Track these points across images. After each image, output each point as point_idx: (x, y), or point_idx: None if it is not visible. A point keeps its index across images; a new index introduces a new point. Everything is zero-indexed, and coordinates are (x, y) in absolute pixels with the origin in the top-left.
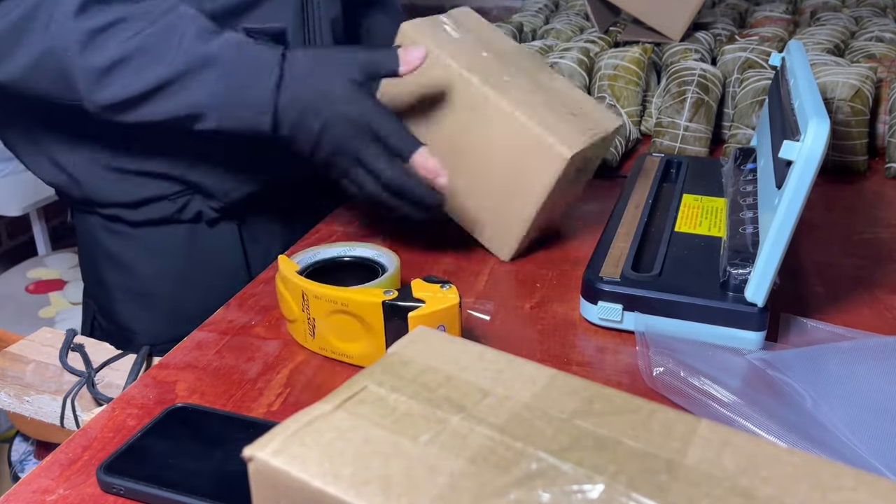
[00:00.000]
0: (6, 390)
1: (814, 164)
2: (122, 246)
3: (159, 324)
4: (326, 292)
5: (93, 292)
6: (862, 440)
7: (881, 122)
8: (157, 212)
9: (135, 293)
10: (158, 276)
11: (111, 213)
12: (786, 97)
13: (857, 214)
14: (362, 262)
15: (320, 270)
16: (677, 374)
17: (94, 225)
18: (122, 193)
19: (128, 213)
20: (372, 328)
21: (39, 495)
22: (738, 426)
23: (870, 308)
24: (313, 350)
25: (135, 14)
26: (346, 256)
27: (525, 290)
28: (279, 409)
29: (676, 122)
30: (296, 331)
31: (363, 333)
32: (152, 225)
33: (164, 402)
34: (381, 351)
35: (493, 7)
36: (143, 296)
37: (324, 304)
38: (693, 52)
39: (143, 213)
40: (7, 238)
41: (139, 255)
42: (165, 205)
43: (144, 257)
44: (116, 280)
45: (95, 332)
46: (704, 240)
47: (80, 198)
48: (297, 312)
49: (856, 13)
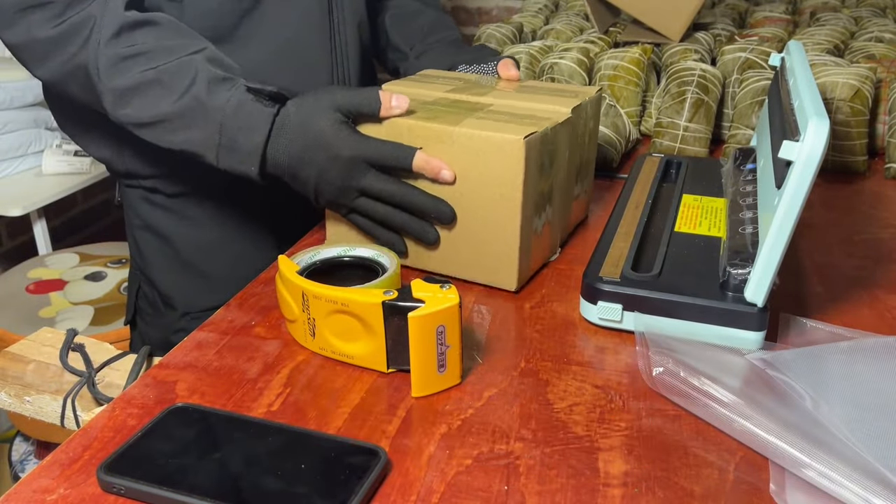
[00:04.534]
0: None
1: (813, 164)
2: (160, 217)
3: (194, 291)
4: (326, 292)
5: (137, 263)
6: (862, 440)
7: (881, 123)
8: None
9: (172, 261)
10: (193, 245)
11: (150, 185)
12: (785, 97)
13: (857, 214)
14: (362, 263)
15: (320, 270)
16: (677, 374)
17: (137, 198)
18: (159, 163)
19: (165, 185)
20: (372, 328)
21: (40, 495)
22: (738, 426)
23: (870, 308)
24: (313, 350)
25: (160, 48)
26: (346, 257)
27: (525, 290)
28: (279, 409)
29: (676, 122)
30: (296, 331)
31: (363, 333)
32: (186, 196)
33: (164, 402)
34: (382, 351)
35: (494, 7)
36: (179, 264)
37: (324, 305)
38: (693, 52)
39: (178, 184)
40: (7, 238)
41: (175, 225)
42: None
43: (180, 227)
44: (155, 249)
45: (140, 301)
46: (704, 240)
47: (124, 171)
48: (298, 313)
49: (855, 13)
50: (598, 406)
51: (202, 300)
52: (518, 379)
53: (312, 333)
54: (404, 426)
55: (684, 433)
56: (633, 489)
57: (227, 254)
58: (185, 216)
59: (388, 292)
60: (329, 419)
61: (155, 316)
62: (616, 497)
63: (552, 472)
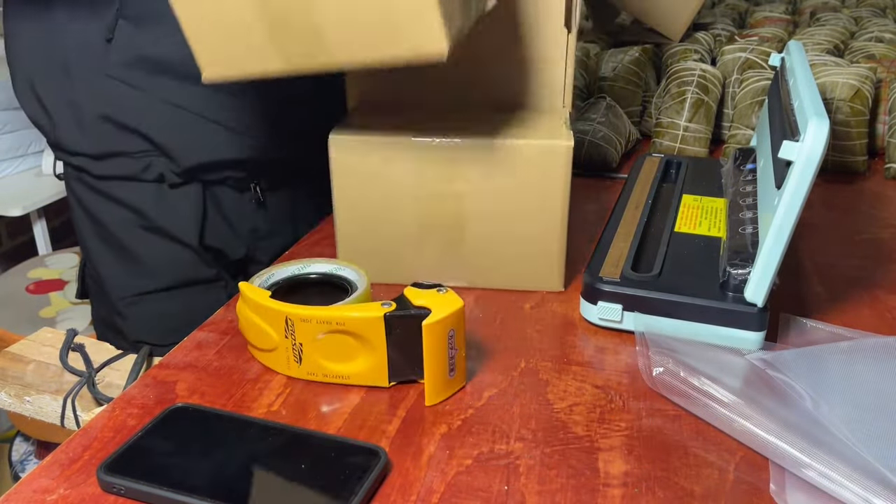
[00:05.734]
0: (7, 390)
1: (813, 164)
2: (91, 198)
3: (125, 275)
4: (318, 314)
5: (80, 243)
6: (862, 440)
7: (881, 123)
8: (119, 167)
9: (104, 243)
10: (123, 227)
11: (77, 164)
12: (785, 97)
13: (857, 214)
14: (325, 280)
15: (279, 292)
16: (677, 374)
17: (70, 175)
18: (88, 144)
19: (92, 165)
20: (371, 344)
21: (40, 495)
22: (738, 426)
23: (870, 308)
24: (299, 377)
25: None
26: (314, 274)
27: (525, 290)
28: (279, 409)
29: (676, 122)
30: (273, 360)
31: (361, 351)
32: (116, 180)
33: (164, 402)
34: (383, 366)
35: None
36: (111, 246)
37: (314, 327)
38: (693, 52)
39: (107, 166)
40: (7, 238)
41: (105, 207)
42: (128, 161)
43: (109, 209)
44: (89, 229)
45: (86, 281)
46: (704, 240)
47: (53, 142)
48: (278, 340)
49: (855, 13)
50: (598, 406)
51: (132, 284)
52: (518, 379)
53: (298, 360)
54: (404, 426)
55: (684, 433)
56: (633, 489)
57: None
58: (112, 199)
59: (385, 304)
60: (329, 419)
61: (99, 294)
62: (616, 497)
63: (552, 472)
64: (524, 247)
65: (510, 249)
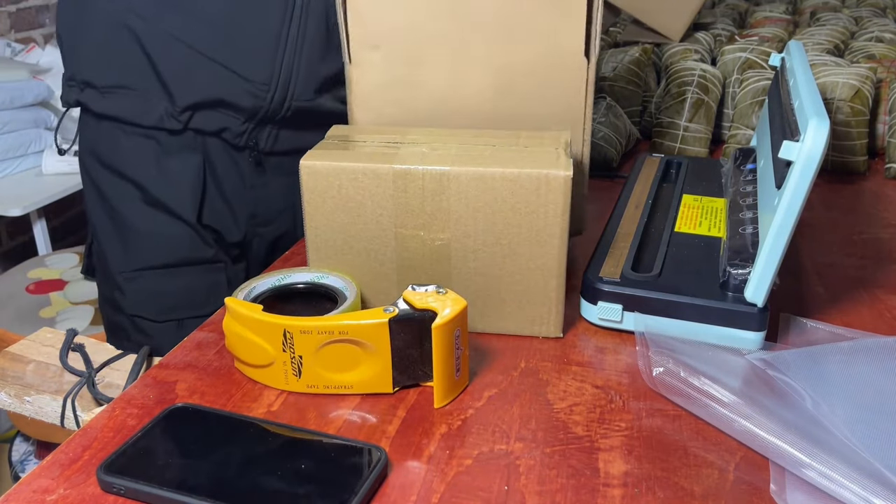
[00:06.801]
0: (7, 390)
1: (814, 165)
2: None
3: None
4: (319, 324)
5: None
6: (862, 440)
7: (881, 123)
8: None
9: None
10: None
11: (84, 100)
12: (785, 97)
13: (857, 214)
14: (310, 290)
15: (266, 306)
16: (677, 374)
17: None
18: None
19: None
20: (375, 351)
21: (40, 495)
22: (738, 426)
23: (870, 308)
24: (299, 391)
25: None
26: (299, 284)
27: None
28: (279, 409)
29: (676, 122)
30: (269, 376)
31: (364, 358)
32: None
33: (164, 402)
34: (387, 372)
35: None
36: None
37: (315, 338)
38: (693, 52)
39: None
40: (7, 238)
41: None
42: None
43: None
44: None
45: (92, 258)
46: (704, 240)
47: (71, 69)
48: (275, 354)
49: (855, 13)
50: (598, 406)
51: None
52: (518, 379)
53: (298, 373)
54: (404, 426)
55: (684, 433)
56: (633, 489)
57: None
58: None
59: (387, 309)
60: (329, 419)
61: (102, 270)
62: (616, 497)
63: (552, 472)
64: (517, 287)
65: (502, 289)
